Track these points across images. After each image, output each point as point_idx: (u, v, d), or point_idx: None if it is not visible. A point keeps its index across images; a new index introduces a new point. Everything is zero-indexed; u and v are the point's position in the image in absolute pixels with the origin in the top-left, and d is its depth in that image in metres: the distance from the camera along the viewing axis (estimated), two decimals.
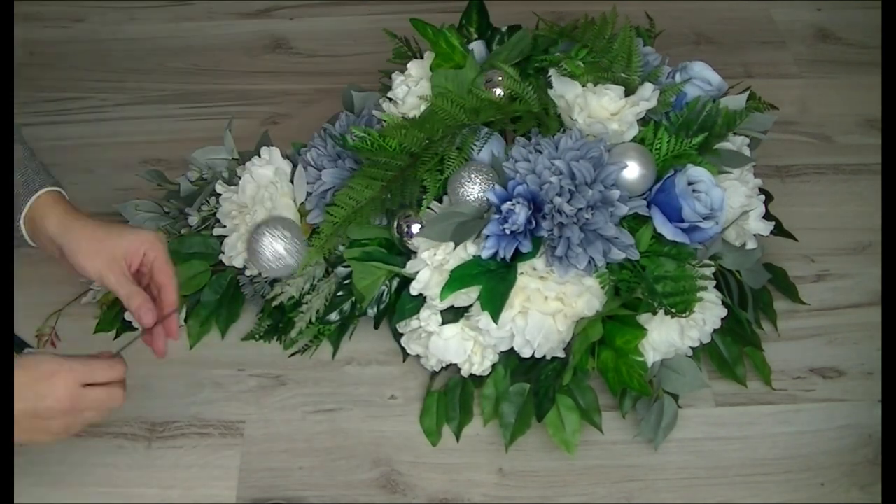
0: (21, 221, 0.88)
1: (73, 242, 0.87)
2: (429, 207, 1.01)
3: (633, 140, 1.02)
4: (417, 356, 1.04)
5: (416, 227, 1.01)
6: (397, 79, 1.11)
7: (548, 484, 0.98)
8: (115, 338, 1.08)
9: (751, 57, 1.42)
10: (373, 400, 1.05)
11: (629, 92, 1.03)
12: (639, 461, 1.00)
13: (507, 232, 0.95)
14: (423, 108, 1.07)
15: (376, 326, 1.07)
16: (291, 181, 1.07)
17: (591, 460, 1.00)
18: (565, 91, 1.02)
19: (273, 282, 1.07)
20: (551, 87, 1.04)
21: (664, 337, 0.99)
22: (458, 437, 1.01)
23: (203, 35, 1.46)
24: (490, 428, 1.01)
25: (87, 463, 0.99)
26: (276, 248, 0.99)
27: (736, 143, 1.06)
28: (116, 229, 0.88)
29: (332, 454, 1.00)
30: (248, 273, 1.07)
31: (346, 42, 1.45)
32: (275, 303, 1.06)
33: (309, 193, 1.05)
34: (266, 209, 1.04)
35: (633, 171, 0.98)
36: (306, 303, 1.05)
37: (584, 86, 1.02)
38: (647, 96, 1.02)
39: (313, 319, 1.05)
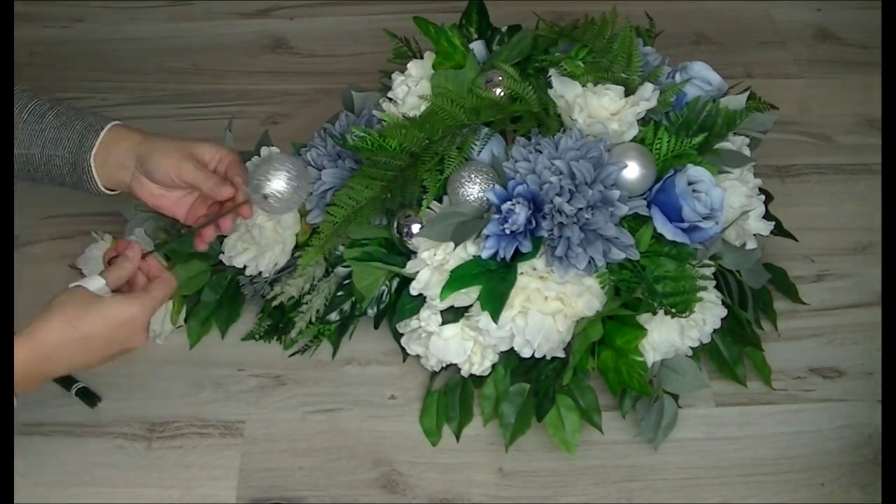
0: (91, 158, 0.93)
1: (152, 146, 0.92)
2: (429, 207, 1.01)
3: (633, 140, 1.02)
4: (417, 356, 1.04)
5: (416, 227, 1.01)
6: (397, 79, 1.11)
7: (548, 484, 0.98)
8: None
9: (751, 57, 1.42)
10: (373, 400, 1.05)
11: (629, 92, 1.02)
12: (639, 461, 1.00)
13: (507, 232, 0.95)
14: (423, 108, 1.07)
15: (376, 326, 1.07)
16: None
17: (591, 460, 1.00)
18: (565, 91, 1.02)
19: (273, 282, 1.07)
20: (551, 87, 1.03)
21: (664, 337, 0.99)
22: (458, 437, 1.01)
23: (203, 35, 1.46)
24: (490, 428, 1.01)
25: (87, 463, 0.99)
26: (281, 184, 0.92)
27: (736, 143, 1.05)
28: (194, 140, 0.95)
29: (332, 454, 1.00)
30: (248, 273, 1.07)
31: (346, 42, 1.45)
32: (275, 303, 1.06)
33: (309, 193, 1.05)
34: None
35: (633, 171, 0.98)
36: (306, 303, 1.05)
37: (584, 86, 1.02)
38: (647, 96, 1.02)
39: (313, 319, 1.05)
